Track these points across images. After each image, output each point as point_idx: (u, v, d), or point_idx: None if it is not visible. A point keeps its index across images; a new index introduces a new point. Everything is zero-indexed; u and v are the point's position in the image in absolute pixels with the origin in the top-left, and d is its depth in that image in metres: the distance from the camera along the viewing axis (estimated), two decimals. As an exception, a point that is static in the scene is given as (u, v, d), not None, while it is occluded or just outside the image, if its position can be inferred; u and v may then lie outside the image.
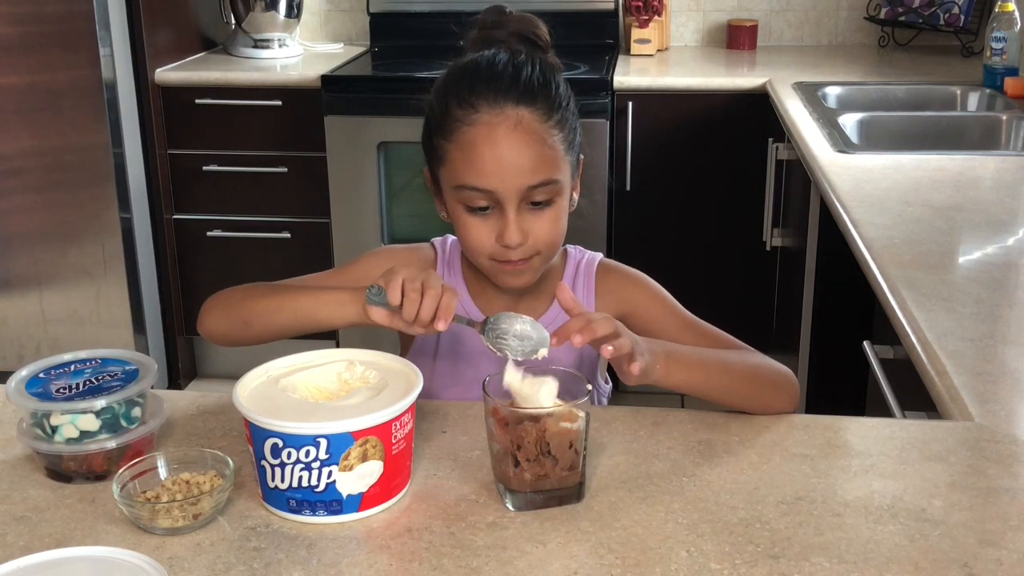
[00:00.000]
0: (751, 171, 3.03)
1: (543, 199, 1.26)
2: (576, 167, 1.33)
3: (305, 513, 1.01)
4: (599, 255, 1.44)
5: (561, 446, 1.01)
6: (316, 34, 3.75)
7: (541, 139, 1.25)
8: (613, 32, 3.54)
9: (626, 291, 1.40)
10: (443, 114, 1.27)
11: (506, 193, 1.24)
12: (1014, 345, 1.34)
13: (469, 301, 1.39)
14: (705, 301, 3.57)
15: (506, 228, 1.25)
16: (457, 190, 1.27)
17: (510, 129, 1.23)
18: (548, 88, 1.27)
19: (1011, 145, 2.53)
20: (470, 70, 1.28)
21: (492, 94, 1.24)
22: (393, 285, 1.12)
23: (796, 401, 1.27)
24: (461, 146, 1.25)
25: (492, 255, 1.29)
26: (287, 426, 0.99)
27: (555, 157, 1.26)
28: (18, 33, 3.01)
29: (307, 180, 3.24)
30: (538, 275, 1.33)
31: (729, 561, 0.94)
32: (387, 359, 1.13)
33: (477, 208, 1.26)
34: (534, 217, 1.27)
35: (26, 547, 0.98)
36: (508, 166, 1.23)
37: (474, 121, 1.24)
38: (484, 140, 1.23)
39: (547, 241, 1.29)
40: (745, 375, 1.24)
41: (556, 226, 1.29)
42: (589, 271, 1.41)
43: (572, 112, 1.30)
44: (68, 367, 1.15)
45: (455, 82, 1.28)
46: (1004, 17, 2.79)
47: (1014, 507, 1.02)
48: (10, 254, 3.21)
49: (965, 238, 1.77)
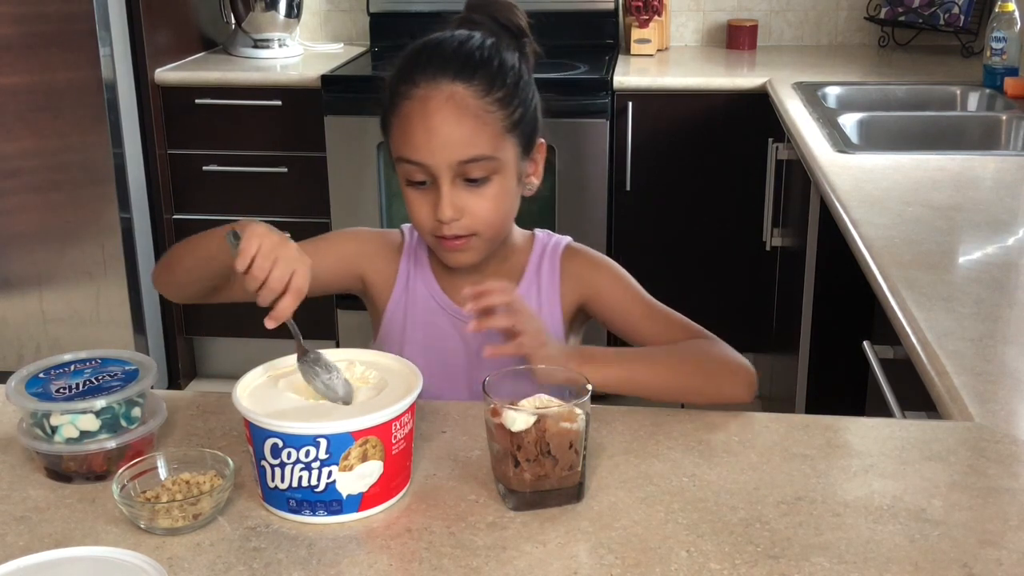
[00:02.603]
0: (751, 171, 3.03)
1: (479, 176, 1.28)
2: (528, 149, 1.34)
3: (305, 513, 1.01)
4: (567, 238, 1.45)
5: (561, 446, 1.01)
6: (316, 34, 3.75)
7: (475, 115, 1.26)
8: (613, 32, 3.54)
9: (590, 275, 1.41)
10: (391, 89, 1.30)
11: (438, 167, 1.26)
12: (1014, 345, 1.34)
13: (435, 286, 1.40)
14: (705, 301, 3.58)
15: (439, 202, 1.27)
16: (398, 163, 1.31)
17: (442, 102, 1.26)
18: (488, 64, 1.29)
19: (1011, 145, 2.53)
20: (418, 47, 1.32)
21: (432, 70, 1.27)
22: (244, 251, 1.09)
23: (752, 391, 1.28)
24: (400, 119, 1.28)
25: (432, 231, 1.31)
26: (287, 426, 0.99)
27: (492, 134, 1.27)
28: (18, 33, 3.01)
29: (307, 180, 3.24)
30: (482, 255, 1.34)
31: (729, 561, 0.94)
32: (387, 359, 1.13)
33: (417, 182, 1.29)
34: (470, 194, 1.28)
35: (26, 547, 0.98)
36: (439, 139, 1.26)
37: (412, 95, 1.27)
38: (418, 113, 1.26)
39: (485, 221, 1.30)
40: (687, 368, 1.26)
41: (496, 206, 1.30)
42: (555, 254, 1.42)
43: (522, 92, 1.31)
44: (68, 367, 1.15)
45: (405, 59, 1.32)
46: (1004, 17, 2.79)
47: (1014, 507, 1.02)
48: (10, 254, 3.21)
49: (965, 238, 1.77)
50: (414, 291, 1.41)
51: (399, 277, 1.41)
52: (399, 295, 1.41)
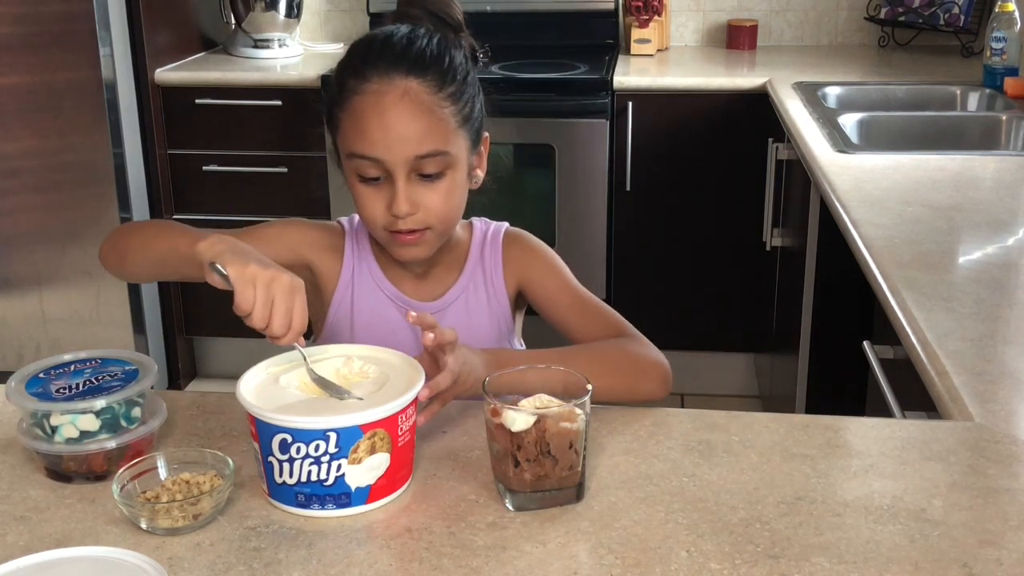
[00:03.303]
0: (751, 171, 3.03)
1: (433, 171, 1.29)
2: (476, 143, 1.35)
3: (314, 507, 1.01)
4: (505, 224, 1.47)
5: (561, 446, 1.01)
6: (316, 34, 3.75)
7: (430, 110, 1.27)
8: (613, 32, 3.54)
9: (525, 262, 1.44)
10: (338, 85, 1.30)
11: (394, 162, 1.27)
12: (1014, 345, 1.34)
13: (381, 276, 1.41)
14: (705, 301, 3.58)
15: (395, 197, 1.28)
16: (349, 159, 1.30)
17: (397, 98, 1.26)
18: (440, 61, 1.30)
19: (1011, 145, 2.53)
20: (366, 42, 1.32)
21: (383, 64, 1.27)
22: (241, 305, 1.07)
23: (667, 386, 1.31)
24: (351, 115, 1.28)
25: (385, 226, 1.31)
26: (297, 421, 1.00)
27: (446, 129, 1.28)
28: (18, 33, 3.01)
29: (307, 180, 3.24)
30: (434, 249, 1.36)
31: (729, 561, 0.94)
32: (384, 353, 1.14)
33: (369, 178, 1.29)
34: (425, 189, 1.29)
35: (26, 547, 0.98)
36: (395, 135, 1.26)
37: (364, 90, 1.27)
38: (372, 108, 1.26)
39: (439, 215, 1.31)
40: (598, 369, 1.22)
41: (449, 200, 1.31)
42: (496, 241, 1.44)
43: (470, 87, 1.33)
44: (68, 367, 1.15)
45: (352, 53, 1.32)
46: (1004, 17, 2.79)
47: (1014, 507, 1.02)
48: (10, 254, 3.21)
49: (965, 238, 1.77)
50: (360, 282, 1.41)
51: (344, 268, 1.42)
52: (344, 286, 1.42)
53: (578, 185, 3.10)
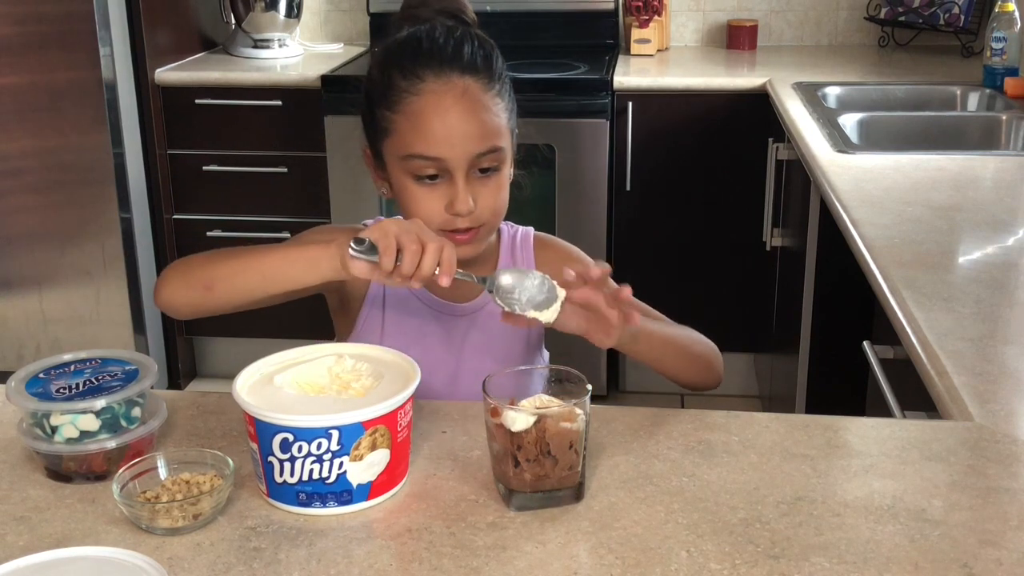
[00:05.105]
0: (751, 171, 3.03)
1: (489, 166, 1.30)
2: (514, 139, 1.37)
3: (315, 506, 1.01)
4: (531, 229, 1.48)
5: (561, 446, 1.01)
6: (316, 34, 3.75)
7: (486, 107, 1.29)
8: (613, 32, 3.54)
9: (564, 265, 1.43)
10: (386, 86, 1.30)
11: (455, 160, 1.27)
12: (1014, 345, 1.34)
13: None
14: (705, 301, 3.58)
15: (456, 196, 1.28)
16: (405, 160, 1.29)
17: (458, 97, 1.27)
18: (489, 60, 1.32)
19: (1011, 145, 2.53)
20: (412, 43, 1.31)
21: (437, 64, 1.28)
22: (386, 244, 1.11)
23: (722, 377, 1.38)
24: (408, 116, 1.28)
25: (442, 225, 1.30)
26: (298, 420, 1.00)
27: (499, 125, 1.30)
28: (18, 33, 3.01)
29: (307, 180, 3.24)
30: (483, 246, 1.36)
31: (729, 561, 0.94)
32: (375, 350, 1.14)
33: (425, 177, 1.29)
34: (481, 185, 1.30)
35: (26, 547, 0.98)
36: (457, 133, 1.26)
37: (421, 91, 1.27)
38: (432, 109, 1.27)
39: (492, 209, 1.32)
40: (692, 353, 1.34)
41: (500, 195, 1.33)
42: (526, 244, 1.45)
43: (509, 85, 1.35)
44: (68, 367, 1.15)
45: (396, 54, 1.31)
46: (1004, 17, 2.79)
47: (1014, 507, 1.02)
48: (10, 254, 3.21)
49: (965, 238, 1.77)
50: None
51: None
52: (376, 289, 1.41)
53: (578, 185, 3.10)
